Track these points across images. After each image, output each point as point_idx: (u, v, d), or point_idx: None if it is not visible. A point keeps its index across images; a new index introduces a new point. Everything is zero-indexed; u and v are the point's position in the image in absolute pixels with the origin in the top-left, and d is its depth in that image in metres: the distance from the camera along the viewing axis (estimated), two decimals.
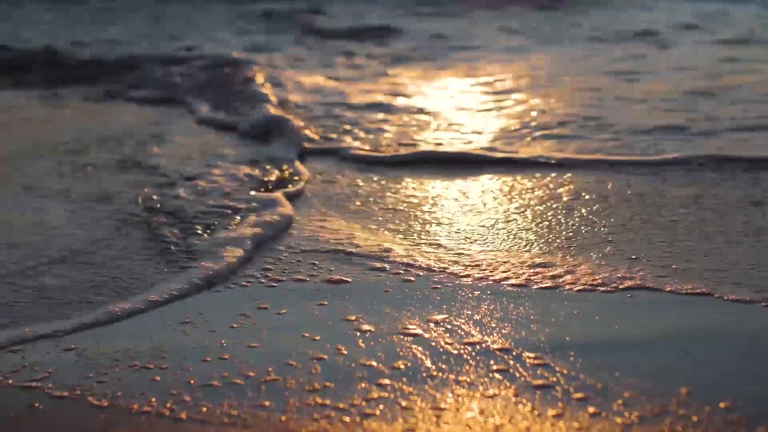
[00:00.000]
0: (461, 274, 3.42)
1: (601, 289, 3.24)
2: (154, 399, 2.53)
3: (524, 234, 3.90)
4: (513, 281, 3.33)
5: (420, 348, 2.80)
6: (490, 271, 3.43)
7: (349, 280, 3.41)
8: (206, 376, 2.66)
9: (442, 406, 2.46)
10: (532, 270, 3.43)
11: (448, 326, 2.95)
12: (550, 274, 3.38)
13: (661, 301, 3.14)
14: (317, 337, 2.90)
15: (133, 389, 2.59)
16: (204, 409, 2.48)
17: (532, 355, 2.72)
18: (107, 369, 2.72)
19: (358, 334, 2.92)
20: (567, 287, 3.26)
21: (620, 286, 3.25)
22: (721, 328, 2.91)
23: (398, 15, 13.99)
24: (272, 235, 3.91)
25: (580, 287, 3.26)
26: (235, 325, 3.02)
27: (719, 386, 2.51)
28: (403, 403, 2.47)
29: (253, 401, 2.51)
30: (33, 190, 4.84)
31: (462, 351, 2.77)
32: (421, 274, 3.45)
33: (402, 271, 3.47)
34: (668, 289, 3.22)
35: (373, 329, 2.95)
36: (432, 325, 2.96)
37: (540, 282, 3.32)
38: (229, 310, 3.15)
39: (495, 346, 2.79)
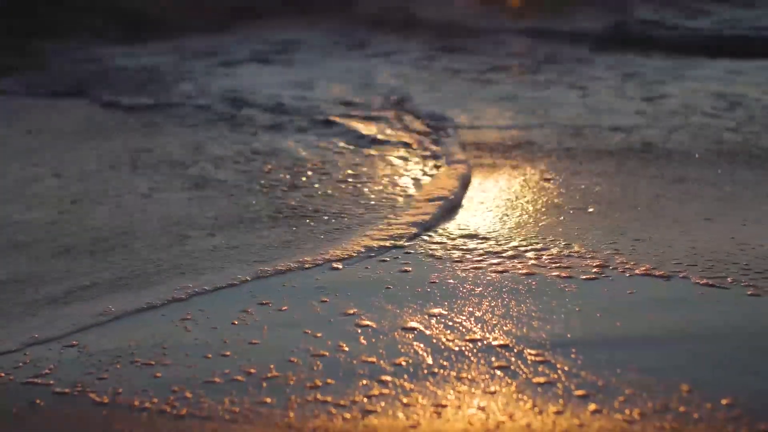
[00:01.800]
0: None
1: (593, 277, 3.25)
2: (155, 396, 2.54)
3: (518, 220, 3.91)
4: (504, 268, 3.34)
5: (421, 344, 2.80)
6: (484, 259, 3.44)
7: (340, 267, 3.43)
8: (207, 372, 2.66)
9: (444, 402, 2.46)
10: (526, 259, 3.44)
11: (449, 321, 2.95)
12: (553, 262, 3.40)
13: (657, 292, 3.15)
14: (318, 334, 2.90)
15: (134, 386, 2.60)
16: (205, 405, 2.48)
17: (534, 352, 2.73)
18: (108, 365, 2.72)
19: (360, 330, 2.93)
20: (565, 275, 3.27)
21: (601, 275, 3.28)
22: (721, 324, 2.91)
23: None
24: None
25: (584, 276, 3.26)
26: (236, 322, 3.02)
27: (720, 382, 2.51)
28: (405, 400, 2.48)
29: (254, 398, 2.52)
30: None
31: (463, 347, 2.77)
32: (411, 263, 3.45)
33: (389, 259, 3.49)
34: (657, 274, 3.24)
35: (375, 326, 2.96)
36: (433, 320, 2.97)
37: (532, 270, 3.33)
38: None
39: (496, 342, 2.80)
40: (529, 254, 3.57)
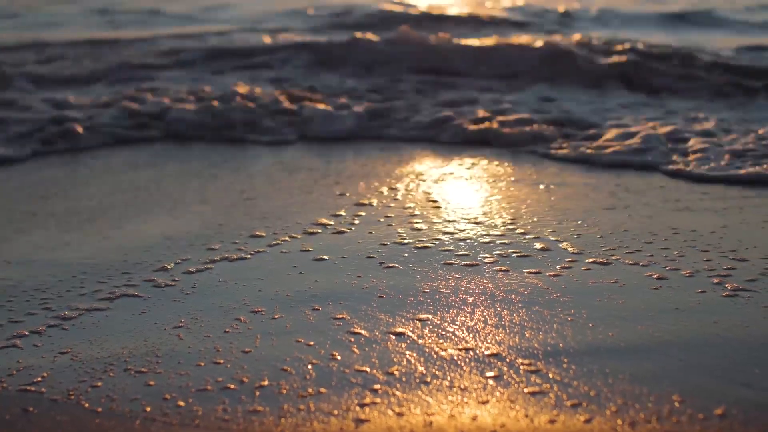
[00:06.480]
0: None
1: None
2: (148, 404, 2.54)
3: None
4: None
5: (414, 353, 2.81)
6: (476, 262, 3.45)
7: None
8: (200, 380, 2.66)
9: (436, 411, 2.46)
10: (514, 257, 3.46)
11: (440, 330, 2.96)
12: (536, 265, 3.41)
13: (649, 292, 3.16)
14: (311, 342, 2.91)
15: (127, 394, 2.60)
16: (198, 414, 2.48)
17: (526, 362, 2.73)
18: (102, 373, 2.72)
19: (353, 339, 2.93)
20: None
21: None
22: (713, 332, 2.91)
23: None
24: None
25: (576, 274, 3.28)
26: (228, 330, 3.03)
27: (712, 392, 2.51)
28: (397, 409, 2.48)
29: (247, 406, 2.52)
30: None
31: (456, 356, 2.78)
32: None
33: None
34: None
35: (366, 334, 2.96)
36: (425, 330, 2.97)
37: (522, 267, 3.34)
38: None
39: (487, 351, 2.81)
40: (516, 260, 3.59)
